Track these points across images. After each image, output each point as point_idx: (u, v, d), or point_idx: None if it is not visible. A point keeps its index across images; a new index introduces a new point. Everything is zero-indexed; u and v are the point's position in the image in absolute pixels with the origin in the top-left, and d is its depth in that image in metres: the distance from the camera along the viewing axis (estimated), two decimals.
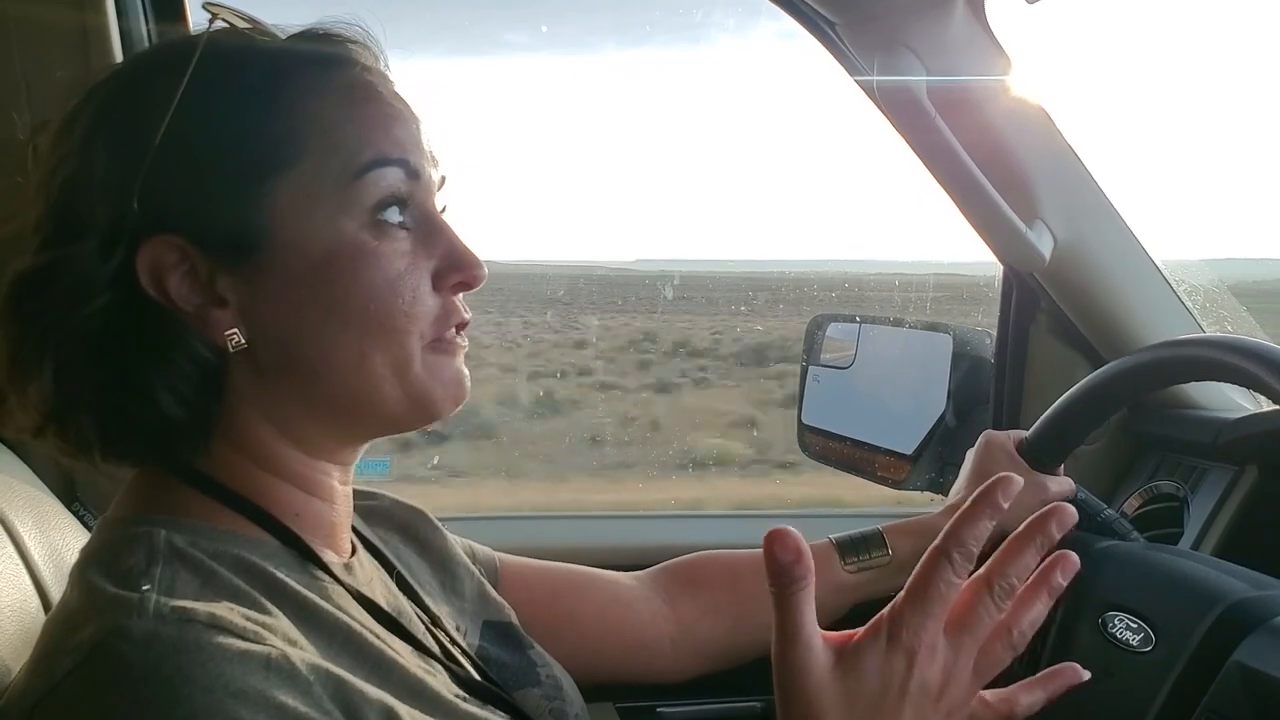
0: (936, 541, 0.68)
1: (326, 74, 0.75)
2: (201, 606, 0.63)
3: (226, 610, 0.64)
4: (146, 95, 0.72)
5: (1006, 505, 0.68)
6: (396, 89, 0.79)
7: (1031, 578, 0.71)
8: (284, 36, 0.79)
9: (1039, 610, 0.71)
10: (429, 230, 0.77)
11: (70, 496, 1.22)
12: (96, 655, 0.61)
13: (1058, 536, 0.70)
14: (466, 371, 0.80)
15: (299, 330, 0.73)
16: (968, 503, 0.69)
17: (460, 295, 0.79)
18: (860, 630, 0.69)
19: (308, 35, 0.79)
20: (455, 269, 0.77)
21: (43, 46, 1.21)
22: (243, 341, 0.73)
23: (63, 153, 0.73)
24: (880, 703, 0.67)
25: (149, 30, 1.28)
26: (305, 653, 0.65)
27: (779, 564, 0.66)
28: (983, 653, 0.70)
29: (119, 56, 1.23)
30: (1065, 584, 0.71)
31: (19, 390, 0.73)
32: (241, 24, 0.78)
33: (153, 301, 0.71)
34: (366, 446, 0.83)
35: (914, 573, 0.68)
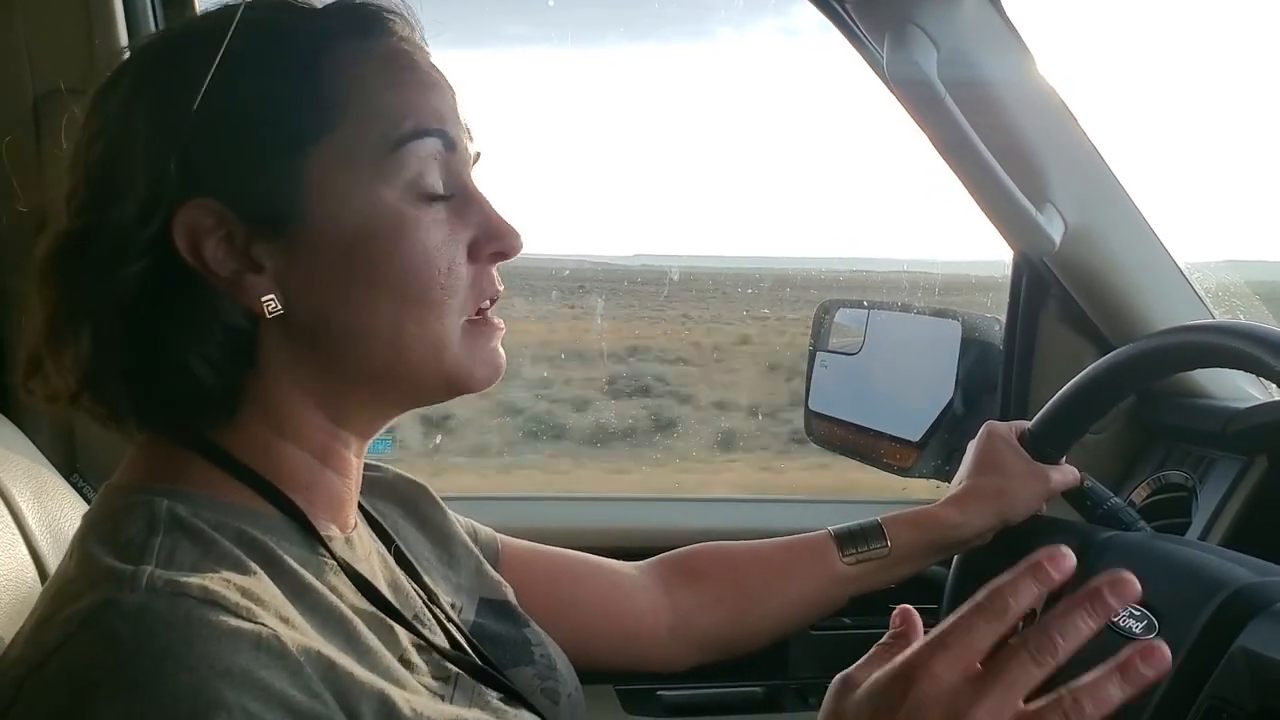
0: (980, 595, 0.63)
1: (364, 41, 0.75)
2: (195, 580, 0.62)
3: (221, 584, 0.63)
4: (185, 62, 0.71)
5: (1059, 578, 0.62)
6: (432, 59, 0.79)
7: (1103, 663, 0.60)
8: (319, 6, 0.78)
9: (1109, 694, 0.58)
10: (465, 200, 0.77)
11: (70, 468, 1.22)
12: (87, 628, 0.60)
13: (1114, 606, 0.62)
14: (502, 351, 0.80)
15: (335, 299, 0.73)
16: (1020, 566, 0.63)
17: (495, 266, 0.79)
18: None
19: (344, 4, 0.78)
20: (492, 238, 0.77)
21: (46, 16, 1.21)
22: (279, 308, 0.72)
23: (101, 120, 0.73)
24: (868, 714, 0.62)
25: (154, 2, 1.28)
26: (297, 633, 0.64)
27: None
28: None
29: (122, 27, 1.23)
30: (1148, 674, 0.59)
31: (55, 355, 0.72)
32: None
33: (188, 268, 0.71)
34: (394, 420, 0.82)
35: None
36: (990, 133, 1.27)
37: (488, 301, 0.79)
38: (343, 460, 0.79)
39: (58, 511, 1.04)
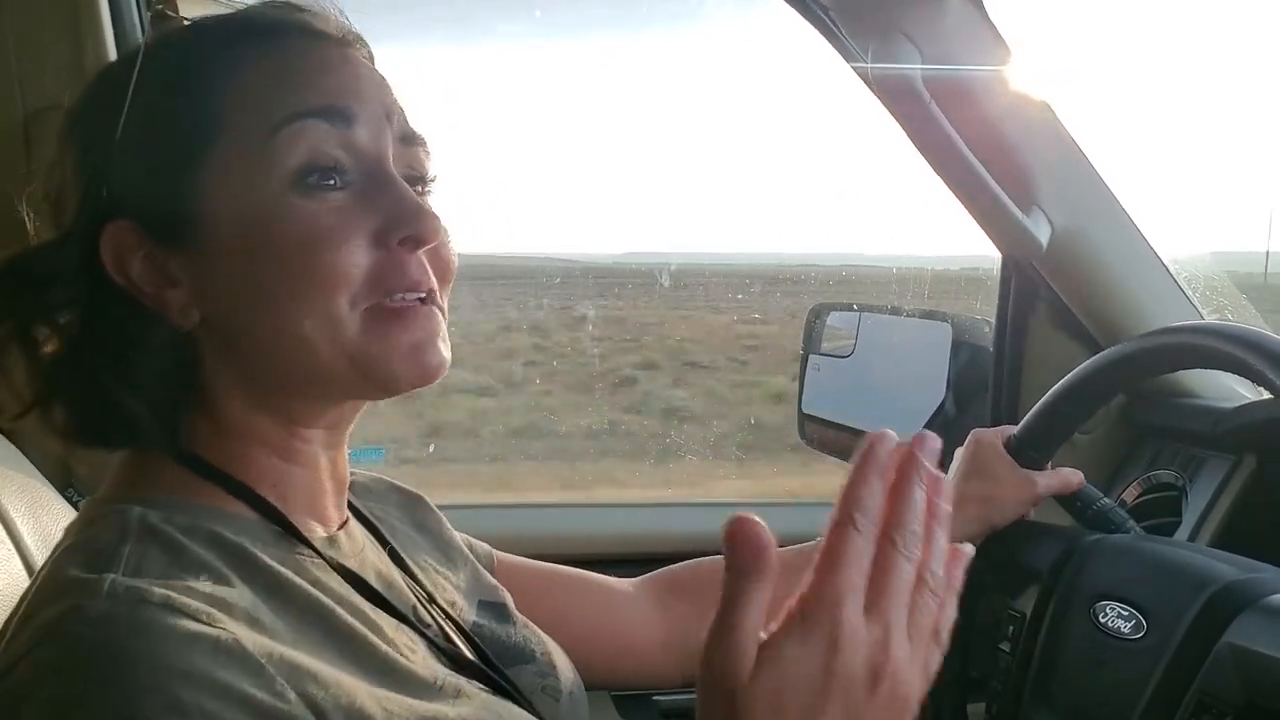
0: (834, 511, 0.60)
1: (258, 46, 0.75)
2: (157, 588, 0.63)
3: (184, 591, 0.64)
4: (107, 92, 0.75)
5: (884, 460, 0.60)
6: (352, 52, 0.78)
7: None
8: (237, 10, 0.80)
9: (941, 540, 0.62)
10: (374, 184, 0.74)
11: (65, 483, 1.22)
12: (51, 636, 0.62)
13: (930, 461, 0.62)
14: (439, 347, 0.76)
15: (242, 302, 0.74)
16: (853, 466, 0.61)
17: (419, 254, 0.74)
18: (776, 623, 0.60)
19: (250, 11, 0.79)
20: (400, 223, 0.73)
21: (35, 34, 1.22)
22: (196, 319, 0.74)
23: (57, 148, 0.77)
24: (804, 699, 0.58)
25: (141, 15, 1.28)
26: (263, 636, 0.65)
27: (740, 560, 0.58)
28: (910, 616, 0.61)
29: (111, 43, 1.24)
30: (937, 473, 0.62)
31: (3, 376, 0.75)
32: (206, 10, 0.79)
33: (119, 287, 0.74)
34: (359, 412, 0.82)
35: (820, 549, 0.59)
36: (976, 137, 1.28)
37: (410, 295, 0.74)
38: (307, 455, 0.80)
39: (53, 526, 1.04)
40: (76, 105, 0.78)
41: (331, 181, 0.72)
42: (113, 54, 1.24)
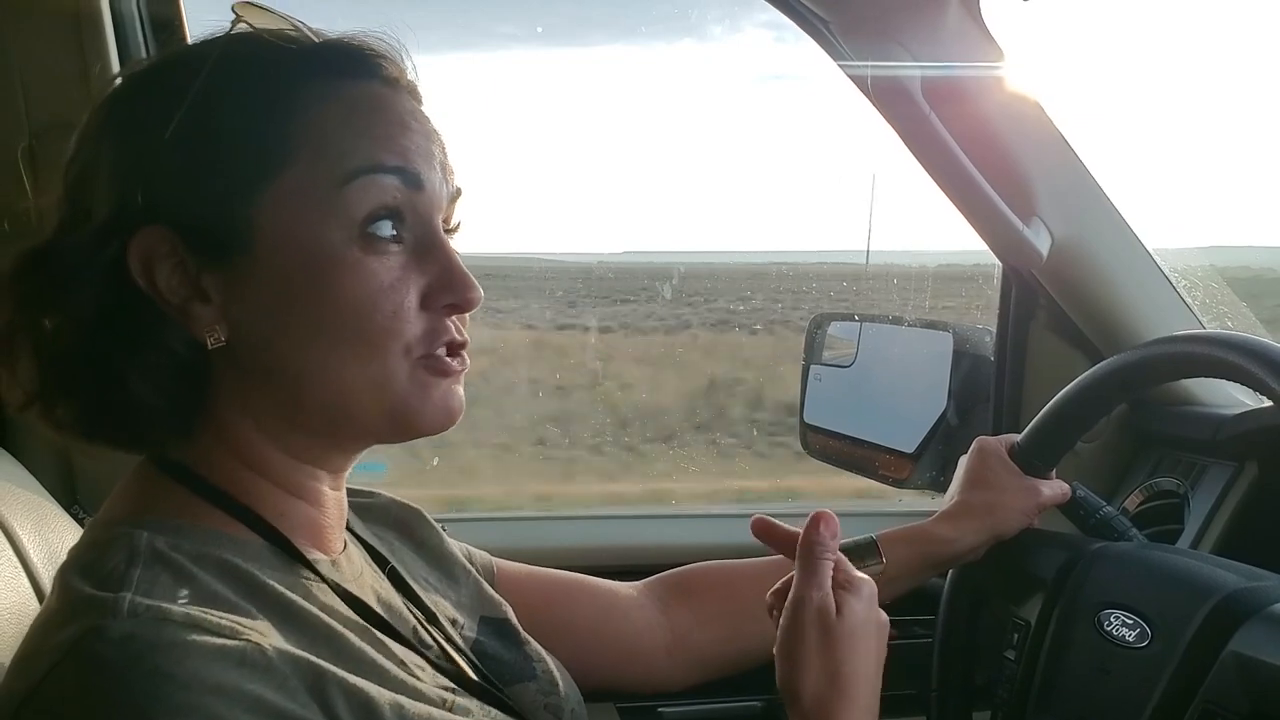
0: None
1: (337, 83, 0.74)
2: (177, 607, 0.63)
3: (201, 611, 0.64)
4: (158, 93, 0.73)
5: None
6: (418, 105, 0.79)
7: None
8: (317, 40, 0.78)
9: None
10: (426, 247, 0.75)
11: (70, 499, 1.22)
12: (73, 656, 0.61)
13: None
14: (460, 393, 0.78)
15: (276, 335, 0.73)
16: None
17: (454, 317, 0.77)
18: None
19: (331, 44, 0.78)
20: (447, 289, 0.75)
21: (40, 51, 1.22)
22: (221, 339, 0.73)
23: (78, 147, 0.75)
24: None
25: (145, 34, 1.29)
26: (280, 643, 0.65)
27: (819, 538, 0.89)
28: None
29: (115, 60, 1.24)
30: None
31: (9, 366, 0.74)
32: (266, 24, 0.77)
33: (141, 292, 0.72)
34: (359, 456, 0.82)
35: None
36: (975, 147, 1.29)
37: (444, 349, 0.76)
38: (313, 492, 0.79)
39: (58, 543, 1.04)
40: (121, 92, 0.76)
41: (393, 237, 0.74)
42: (117, 69, 1.24)
